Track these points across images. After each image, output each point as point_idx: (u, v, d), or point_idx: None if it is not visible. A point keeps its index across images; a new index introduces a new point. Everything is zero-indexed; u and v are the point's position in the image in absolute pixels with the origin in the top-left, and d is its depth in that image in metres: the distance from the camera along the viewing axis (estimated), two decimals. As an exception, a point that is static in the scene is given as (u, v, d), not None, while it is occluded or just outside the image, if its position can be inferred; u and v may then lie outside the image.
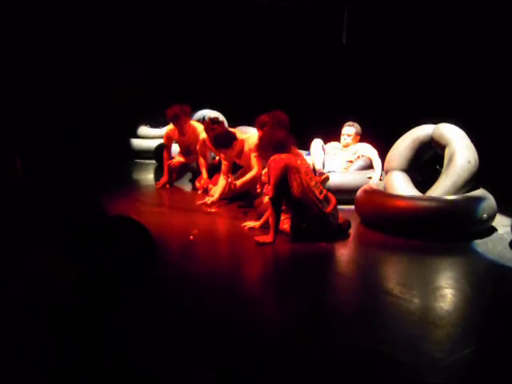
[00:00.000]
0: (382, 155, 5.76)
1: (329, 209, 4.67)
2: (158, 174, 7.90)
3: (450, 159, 4.96)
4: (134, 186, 7.49)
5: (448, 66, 6.70)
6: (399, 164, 5.29)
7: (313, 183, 4.66)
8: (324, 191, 4.75)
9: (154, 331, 1.80)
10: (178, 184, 7.10)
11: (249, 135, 6.07)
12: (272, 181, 4.56)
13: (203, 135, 6.40)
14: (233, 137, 5.91)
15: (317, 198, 4.62)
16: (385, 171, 5.47)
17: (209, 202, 5.89)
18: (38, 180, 3.29)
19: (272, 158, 4.63)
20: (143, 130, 9.09)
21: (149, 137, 8.92)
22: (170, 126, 6.86)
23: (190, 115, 6.74)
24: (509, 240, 4.59)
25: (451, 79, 6.58)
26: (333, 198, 4.77)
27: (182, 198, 6.55)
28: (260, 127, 5.68)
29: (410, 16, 7.16)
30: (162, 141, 8.40)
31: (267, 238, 4.58)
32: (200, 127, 6.75)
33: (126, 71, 9.69)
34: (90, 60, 9.08)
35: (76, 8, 8.82)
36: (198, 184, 6.66)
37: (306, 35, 8.08)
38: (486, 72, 6.37)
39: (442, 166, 5.07)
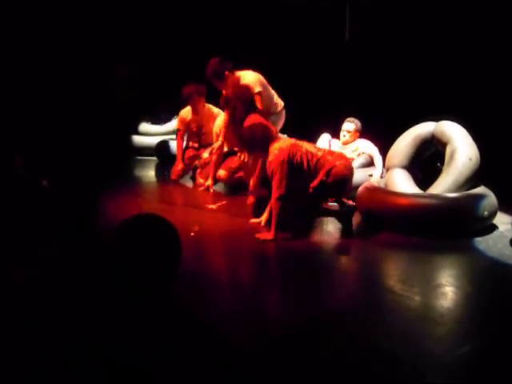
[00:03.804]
0: (384, 152, 5.75)
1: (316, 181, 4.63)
2: (159, 170, 7.91)
3: (451, 157, 4.96)
4: (136, 182, 7.49)
5: (450, 63, 6.68)
6: (400, 161, 5.28)
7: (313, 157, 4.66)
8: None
9: (153, 330, 1.80)
10: (179, 180, 7.11)
11: (245, 72, 5.84)
12: (278, 178, 4.54)
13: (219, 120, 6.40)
14: (227, 66, 5.67)
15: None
16: (386, 168, 5.47)
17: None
18: (38, 178, 3.30)
19: (271, 156, 4.60)
20: (144, 126, 9.09)
21: (150, 134, 8.92)
22: (183, 110, 6.88)
23: (204, 95, 6.72)
24: (509, 237, 4.59)
25: (453, 77, 6.56)
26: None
27: (183, 195, 6.56)
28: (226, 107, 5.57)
29: (412, 13, 7.13)
30: (163, 138, 8.44)
31: (268, 235, 4.57)
32: (215, 109, 6.75)
33: (127, 69, 9.68)
34: (90, 59, 9.07)
35: (76, 8, 8.81)
36: (200, 181, 6.65)
37: (308, 32, 8.05)
38: (487, 70, 6.36)
39: (442, 164, 5.06)
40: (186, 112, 6.88)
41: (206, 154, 6.66)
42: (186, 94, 6.65)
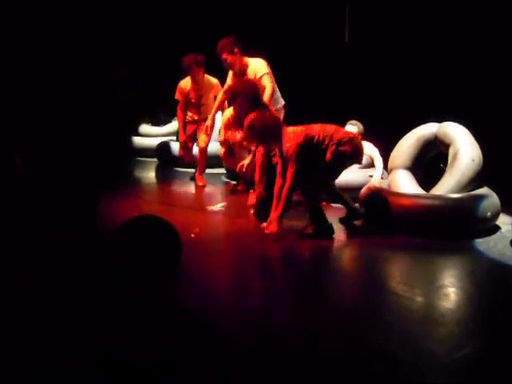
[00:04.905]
0: (385, 154, 5.74)
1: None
2: (160, 171, 7.91)
3: (454, 157, 4.95)
4: (136, 184, 7.49)
5: (451, 64, 6.67)
6: (403, 162, 5.27)
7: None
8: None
9: (153, 330, 1.80)
10: (179, 182, 7.10)
11: (253, 58, 5.98)
12: (294, 166, 4.48)
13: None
14: (238, 45, 5.83)
15: None
16: (389, 169, 5.46)
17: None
18: (37, 178, 3.30)
19: (287, 143, 4.54)
20: (144, 128, 9.10)
21: (150, 135, 8.93)
22: (182, 81, 6.86)
23: (203, 65, 6.67)
24: (510, 238, 4.57)
25: (455, 77, 6.55)
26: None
27: (184, 196, 6.56)
28: (233, 100, 5.56)
29: (413, 14, 7.13)
30: (163, 139, 8.45)
31: (272, 227, 4.53)
32: (214, 80, 6.74)
33: (127, 69, 9.68)
34: (90, 59, 9.07)
35: (76, 7, 8.81)
36: (200, 183, 6.64)
37: (308, 32, 8.05)
38: (489, 70, 6.35)
39: (446, 165, 5.06)
40: (185, 82, 6.84)
41: (202, 143, 6.65)
42: (186, 65, 6.63)
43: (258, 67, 5.84)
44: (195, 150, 6.91)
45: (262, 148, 5.08)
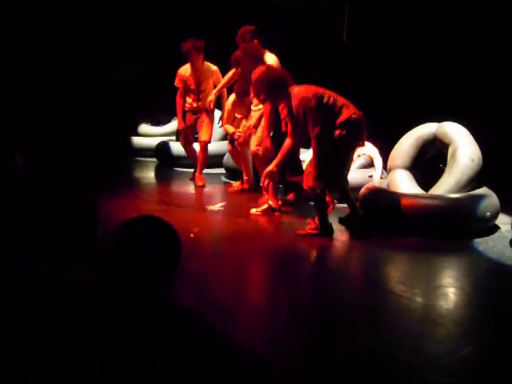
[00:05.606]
0: (384, 154, 5.74)
1: None
2: (159, 171, 7.91)
3: (454, 157, 4.95)
4: (135, 184, 7.48)
5: (451, 64, 6.67)
6: (403, 162, 5.27)
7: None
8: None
9: (153, 330, 1.80)
10: (178, 181, 7.10)
11: (268, 53, 5.98)
12: (313, 116, 4.42)
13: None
14: (259, 37, 5.89)
15: None
16: (388, 169, 5.46)
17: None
18: (38, 178, 3.30)
19: (297, 96, 4.47)
20: (144, 128, 9.10)
21: (149, 135, 8.92)
22: (182, 67, 6.78)
23: (202, 51, 6.57)
24: (509, 238, 4.58)
25: (454, 77, 6.55)
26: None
27: (183, 196, 6.55)
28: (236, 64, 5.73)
29: (412, 14, 7.13)
30: (162, 139, 8.44)
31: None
32: (214, 66, 6.70)
33: (126, 69, 9.68)
34: (90, 59, 9.08)
35: (76, 6, 8.82)
36: (199, 183, 6.64)
37: (306, 32, 8.05)
38: (488, 70, 6.35)
39: (445, 165, 5.06)
40: (185, 69, 6.76)
41: (202, 141, 6.64)
42: (185, 50, 6.53)
43: (269, 63, 5.86)
44: (196, 148, 6.90)
45: (268, 105, 5.10)
